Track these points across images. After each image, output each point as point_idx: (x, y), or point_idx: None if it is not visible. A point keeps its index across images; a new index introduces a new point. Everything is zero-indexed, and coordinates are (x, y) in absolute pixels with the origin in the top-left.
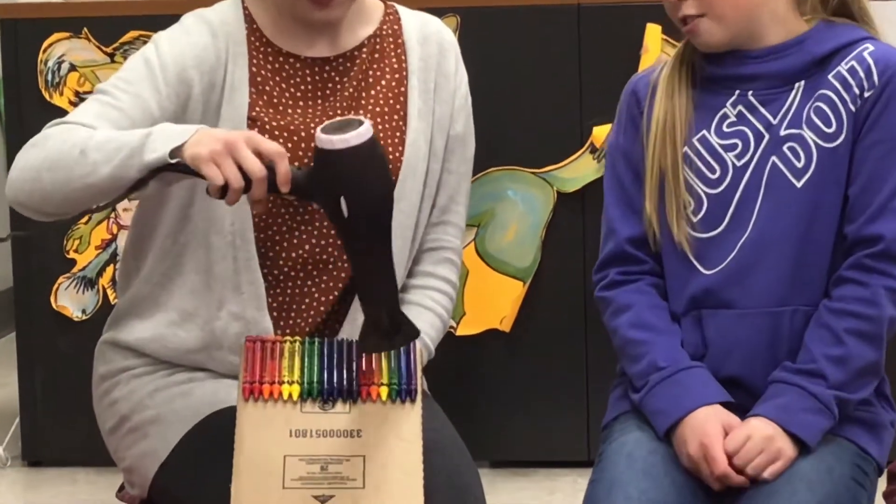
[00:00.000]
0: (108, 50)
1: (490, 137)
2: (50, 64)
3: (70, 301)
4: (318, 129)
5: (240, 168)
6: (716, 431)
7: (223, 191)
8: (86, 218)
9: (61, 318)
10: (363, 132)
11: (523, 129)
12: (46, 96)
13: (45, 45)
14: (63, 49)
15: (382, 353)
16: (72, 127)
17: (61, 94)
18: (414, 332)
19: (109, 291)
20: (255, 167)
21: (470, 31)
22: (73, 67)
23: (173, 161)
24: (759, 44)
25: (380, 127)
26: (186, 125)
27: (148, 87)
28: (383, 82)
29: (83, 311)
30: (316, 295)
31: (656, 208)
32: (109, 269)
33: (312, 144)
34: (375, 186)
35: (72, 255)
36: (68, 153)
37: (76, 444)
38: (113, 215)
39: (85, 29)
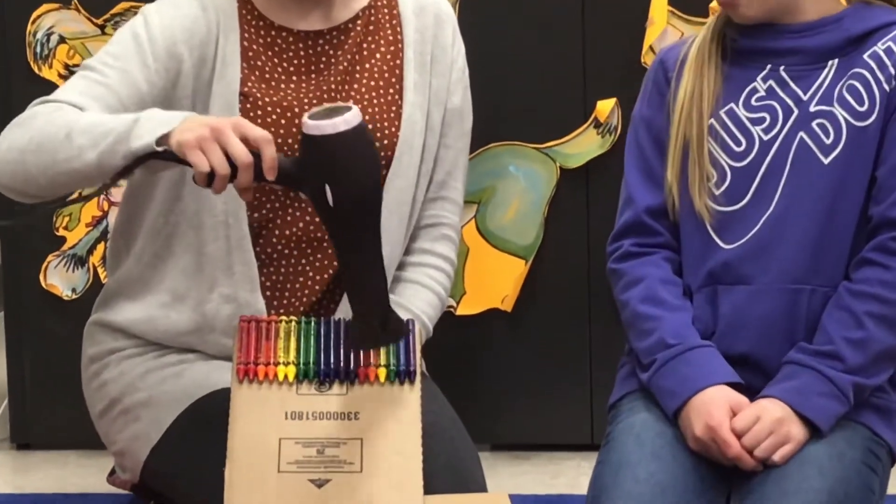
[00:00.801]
0: (99, 21)
1: (491, 112)
2: (39, 36)
3: (60, 280)
4: (306, 115)
5: (227, 155)
6: (721, 413)
7: (209, 178)
8: (75, 195)
9: (51, 298)
10: (351, 118)
11: (525, 104)
12: (35, 69)
13: (33, 16)
14: (52, 20)
15: None
16: (59, 106)
17: (50, 66)
18: (404, 330)
19: (100, 270)
20: (242, 153)
21: (471, 3)
22: (62, 39)
23: (160, 149)
24: (796, 18)
25: (375, 101)
26: (175, 112)
27: (136, 63)
28: (378, 55)
29: (73, 291)
30: (310, 274)
31: (678, 179)
32: (100, 247)
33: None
34: (362, 174)
35: (61, 232)
36: (54, 135)
37: (66, 426)
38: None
39: (74, 0)
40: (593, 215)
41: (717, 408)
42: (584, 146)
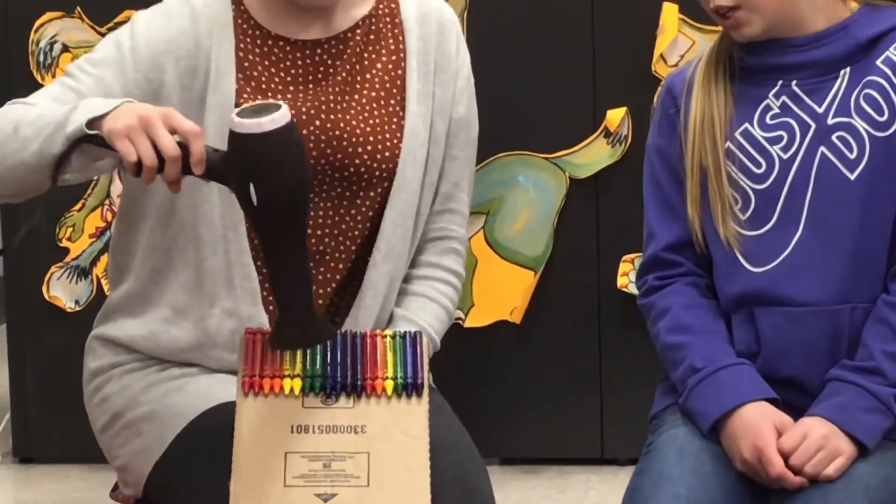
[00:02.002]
0: (103, 30)
1: (500, 121)
2: (42, 44)
3: (63, 291)
4: (235, 111)
5: (155, 146)
6: (768, 432)
7: (138, 168)
8: (79, 205)
9: (54, 310)
10: (278, 118)
11: (534, 113)
12: (38, 78)
13: (36, 24)
14: (56, 29)
15: (387, 346)
16: (20, 105)
17: (53, 75)
18: (328, 333)
19: (104, 282)
20: (169, 146)
21: (479, 11)
22: (65, 48)
23: (91, 132)
24: (801, 31)
25: (376, 112)
26: (113, 99)
27: (113, 71)
28: (379, 65)
29: (76, 302)
30: (313, 287)
31: (699, 209)
32: (104, 259)
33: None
34: (287, 176)
35: (65, 243)
36: (3, 131)
37: (69, 440)
38: (107, 202)
39: (78, 8)
40: (603, 225)
41: (763, 426)
42: (593, 156)
